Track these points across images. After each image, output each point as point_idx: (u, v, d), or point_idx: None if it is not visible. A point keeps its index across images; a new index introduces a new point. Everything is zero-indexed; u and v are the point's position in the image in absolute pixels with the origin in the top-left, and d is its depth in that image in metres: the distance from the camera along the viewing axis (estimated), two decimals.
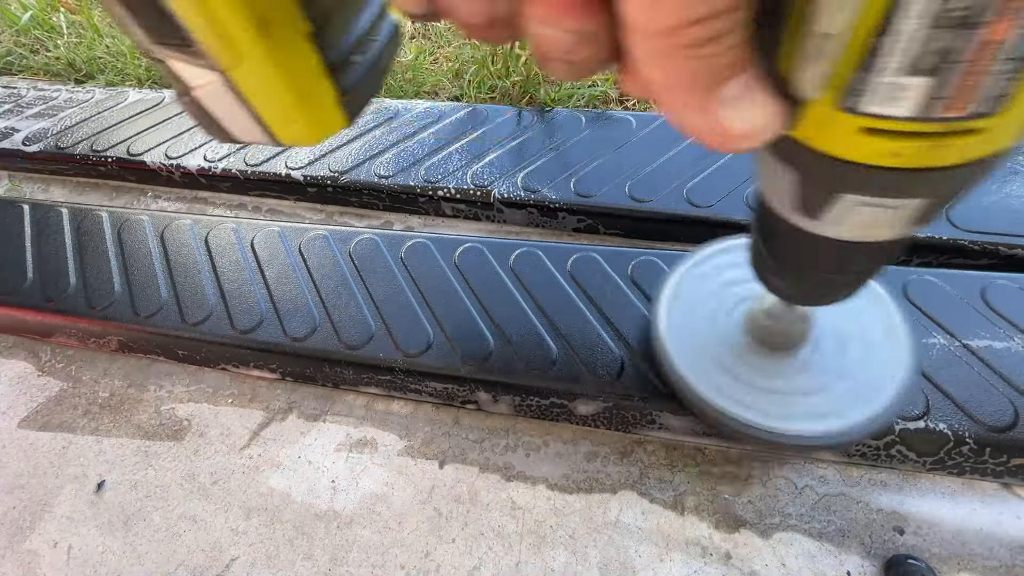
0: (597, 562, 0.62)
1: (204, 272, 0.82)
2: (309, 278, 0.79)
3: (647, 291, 0.72)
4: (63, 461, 0.76)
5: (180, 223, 0.89)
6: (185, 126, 1.10)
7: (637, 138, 0.94)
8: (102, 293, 0.82)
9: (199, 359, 0.81)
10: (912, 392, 0.59)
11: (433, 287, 0.76)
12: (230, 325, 0.76)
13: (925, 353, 0.63)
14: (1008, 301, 0.66)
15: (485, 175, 0.92)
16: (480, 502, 0.67)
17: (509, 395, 0.70)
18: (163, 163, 1.04)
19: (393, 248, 0.82)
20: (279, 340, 0.74)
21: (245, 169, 1.01)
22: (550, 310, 0.72)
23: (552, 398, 0.68)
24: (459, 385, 0.71)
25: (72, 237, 0.90)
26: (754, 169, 0.33)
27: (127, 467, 0.74)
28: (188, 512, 0.70)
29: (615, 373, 0.66)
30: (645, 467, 0.68)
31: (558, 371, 0.67)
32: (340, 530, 0.67)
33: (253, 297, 0.78)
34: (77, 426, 0.79)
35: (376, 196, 0.97)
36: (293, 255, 0.82)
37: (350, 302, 0.76)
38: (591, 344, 0.68)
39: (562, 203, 0.88)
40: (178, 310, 0.79)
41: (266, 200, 1.05)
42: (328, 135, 0.35)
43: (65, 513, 0.71)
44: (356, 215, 1.01)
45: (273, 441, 0.75)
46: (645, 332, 0.68)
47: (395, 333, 0.73)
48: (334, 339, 0.73)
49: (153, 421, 0.78)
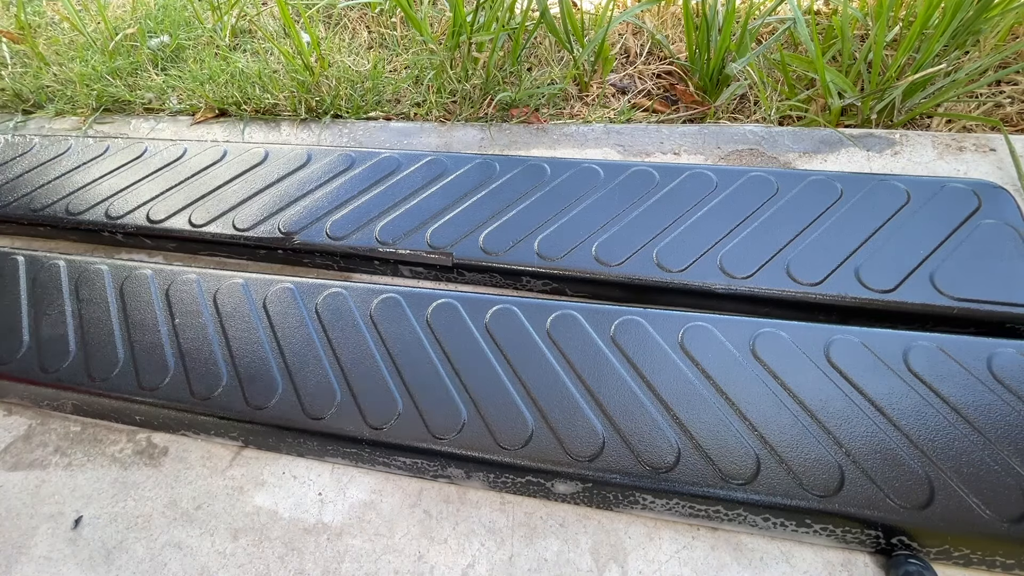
0: (589, 547, 0.63)
1: (163, 329, 0.78)
2: (273, 337, 0.75)
3: (630, 355, 0.69)
4: (36, 500, 0.73)
5: (140, 273, 0.85)
6: (127, 182, 1.03)
7: (605, 190, 0.88)
8: (56, 353, 0.77)
9: (156, 425, 0.77)
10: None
11: (403, 349, 0.72)
12: (189, 391, 0.72)
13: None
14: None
15: (444, 236, 0.86)
16: (469, 500, 0.68)
17: (482, 471, 0.66)
18: (105, 222, 0.97)
19: (362, 304, 0.77)
20: (239, 408, 0.70)
21: (191, 229, 0.93)
22: (527, 377, 0.68)
23: (528, 476, 0.65)
24: (429, 460, 0.67)
25: (27, 289, 0.85)
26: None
27: (104, 500, 0.72)
28: (172, 540, 0.68)
29: (596, 451, 0.63)
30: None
31: (535, 447, 0.63)
32: (331, 542, 0.66)
33: (214, 359, 0.74)
34: (49, 463, 0.77)
35: (330, 258, 0.91)
36: (257, 311, 0.78)
37: (315, 367, 0.72)
38: (571, 417, 0.65)
39: (525, 267, 0.82)
40: (135, 372, 0.75)
41: (215, 260, 0.98)
42: None
43: (42, 553, 0.69)
44: (311, 278, 0.89)
45: (255, 460, 0.73)
46: (628, 405, 0.64)
47: (362, 402, 0.69)
48: (297, 408, 0.69)
49: (128, 451, 0.76)
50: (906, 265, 0.74)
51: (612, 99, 1.18)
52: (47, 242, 1.07)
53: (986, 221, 0.77)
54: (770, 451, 0.61)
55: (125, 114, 1.32)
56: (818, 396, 0.63)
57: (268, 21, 1.47)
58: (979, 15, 0.98)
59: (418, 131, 1.14)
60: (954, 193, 0.80)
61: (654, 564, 0.61)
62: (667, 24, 1.29)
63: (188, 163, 1.05)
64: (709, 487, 0.60)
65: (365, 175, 0.96)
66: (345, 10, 1.45)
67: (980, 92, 1.04)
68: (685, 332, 0.70)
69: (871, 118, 1.01)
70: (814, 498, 0.58)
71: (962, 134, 0.96)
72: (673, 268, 0.78)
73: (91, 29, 1.52)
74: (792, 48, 1.19)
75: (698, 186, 0.87)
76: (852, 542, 0.59)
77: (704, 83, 1.12)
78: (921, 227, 0.77)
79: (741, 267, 0.77)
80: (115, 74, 1.37)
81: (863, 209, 0.80)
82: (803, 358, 0.66)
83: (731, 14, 1.02)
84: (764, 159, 0.98)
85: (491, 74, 1.14)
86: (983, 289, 0.71)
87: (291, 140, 1.18)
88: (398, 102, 1.23)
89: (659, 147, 1.03)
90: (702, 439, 0.62)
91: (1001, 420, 0.60)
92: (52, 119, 1.34)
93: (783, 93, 1.09)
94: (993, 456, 0.58)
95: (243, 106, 1.24)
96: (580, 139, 1.06)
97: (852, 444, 0.60)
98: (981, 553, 0.56)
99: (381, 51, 1.33)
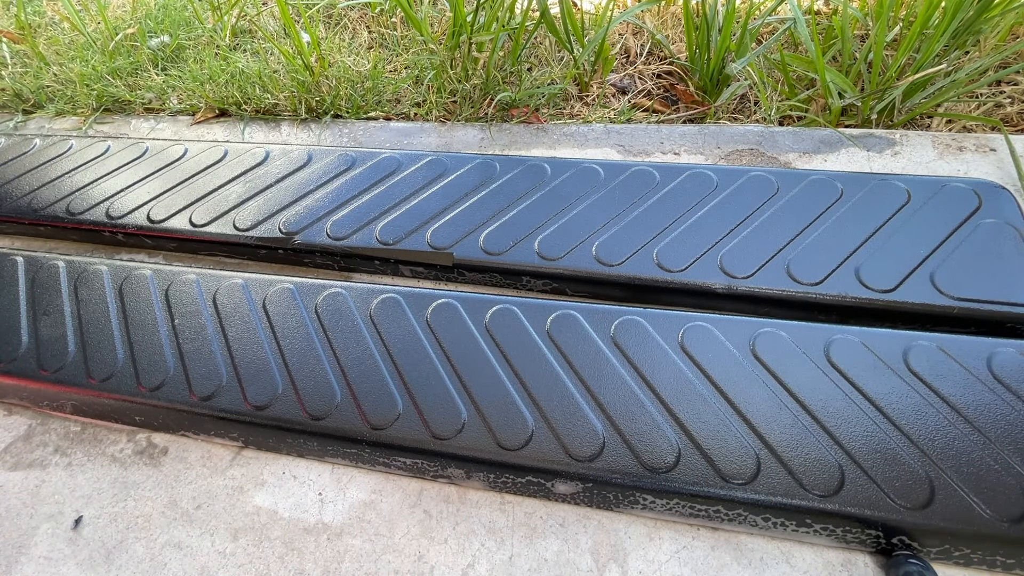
0: (589, 547, 0.63)
1: (163, 330, 0.77)
2: (273, 337, 0.75)
3: (630, 355, 0.69)
4: (36, 500, 0.73)
5: (140, 273, 0.85)
6: (128, 182, 1.03)
7: (605, 190, 0.88)
8: (55, 353, 0.77)
9: (156, 426, 0.77)
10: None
11: (403, 349, 0.72)
12: (188, 391, 0.72)
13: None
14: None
15: (444, 236, 0.86)
16: (469, 500, 0.68)
17: (483, 472, 0.66)
18: (105, 222, 0.97)
19: (362, 304, 0.77)
20: (239, 408, 0.70)
21: (191, 229, 0.93)
22: (527, 377, 0.68)
23: (528, 476, 0.65)
24: (429, 460, 0.67)
25: (26, 290, 0.85)
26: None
27: (104, 500, 0.72)
28: (172, 540, 0.68)
29: (596, 451, 0.63)
30: None
31: (535, 447, 0.63)
32: (331, 542, 0.66)
33: (213, 359, 0.74)
34: (49, 463, 0.76)
35: (330, 258, 0.90)
36: (257, 311, 0.77)
37: (315, 366, 0.72)
38: (571, 417, 0.65)
39: (525, 267, 0.81)
40: (134, 373, 0.74)
41: (215, 260, 0.98)
42: None
43: (42, 554, 0.69)
44: (311, 278, 0.88)
45: (255, 460, 0.73)
46: (628, 405, 0.64)
47: (362, 402, 0.68)
48: (297, 408, 0.69)
49: (128, 451, 0.76)
50: (906, 265, 0.74)
51: (612, 99, 1.18)
52: (47, 242, 1.07)
53: (987, 220, 0.77)
54: (770, 451, 0.61)
55: (125, 114, 1.32)
56: (818, 396, 0.63)
57: (268, 21, 1.47)
58: (979, 15, 0.97)
59: (418, 131, 1.14)
60: (954, 192, 0.80)
61: (654, 564, 0.61)
62: (667, 24, 1.29)
63: (188, 163, 1.05)
64: (709, 487, 0.60)
65: (365, 175, 0.96)
66: (345, 10, 1.45)
67: (980, 92, 1.04)
68: (685, 332, 0.70)
69: (871, 118, 1.01)
70: (814, 498, 0.58)
71: (962, 134, 0.96)
72: (673, 268, 0.78)
73: (91, 29, 1.52)
74: (792, 48, 1.19)
75: (698, 186, 0.87)
76: (852, 542, 0.59)
77: (704, 83, 1.12)
78: (921, 227, 0.77)
79: (741, 267, 0.77)
80: (115, 74, 1.37)
81: (863, 209, 0.80)
82: (803, 358, 0.66)
83: (731, 14, 1.02)
84: (764, 159, 0.98)
85: (491, 74, 1.14)
86: (983, 289, 0.71)
87: (291, 140, 1.18)
88: (398, 102, 1.23)
89: (659, 147, 1.03)
90: (702, 439, 0.62)
91: (1001, 420, 0.60)
92: (52, 119, 1.34)
93: (783, 93, 1.09)
94: (993, 456, 0.58)
95: (243, 106, 1.24)
96: (580, 139, 1.06)
97: (852, 444, 0.60)
98: (981, 553, 0.56)
99: (381, 51, 1.33)
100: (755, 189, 0.85)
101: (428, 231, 0.87)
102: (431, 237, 0.86)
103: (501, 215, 0.88)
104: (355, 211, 0.92)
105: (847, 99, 1.00)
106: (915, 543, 0.57)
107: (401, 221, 0.89)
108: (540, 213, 0.87)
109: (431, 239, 0.86)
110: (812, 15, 1.14)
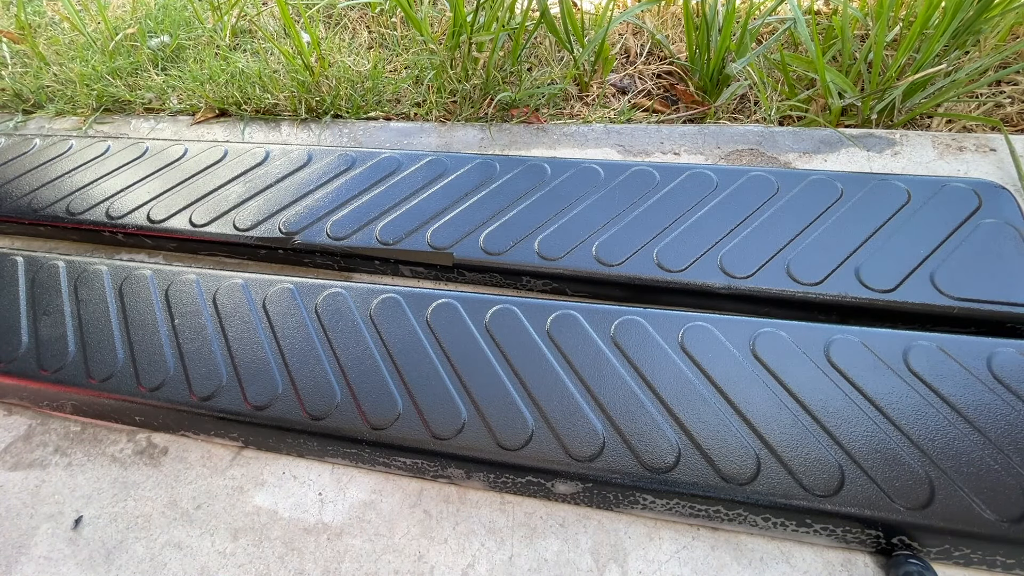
0: (589, 547, 0.63)
1: (163, 330, 0.77)
2: (273, 337, 0.75)
3: (630, 355, 0.68)
4: (36, 500, 0.73)
5: (140, 273, 0.85)
6: (128, 182, 1.03)
7: (605, 190, 0.88)
8: (55, 353, 0.77)
9: (156, 426, 0.77)
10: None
11: (403, 349, 0.72)
12: (188, 391, 0.72)
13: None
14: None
15: (444, 236, 0.86)
16: (469, 500, 0.68)
17: (482, 472, 0.66)
18: (105, 222, 0.97)
19: (362, 304, 0.77)
20: (239, 408, 0.70)
21: (191, 229, 0.93)
22: (527, 377, 0.68)
23: (528, 476, 0.65)
24: (429, 460, 0.67)
25: (26, 290, 0.85)
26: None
27: (105, 500, 0.72)
28: (172, 540, 0.68)
29: (596, 451, 0.63)
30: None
31: (535, 447, 0.63)
32: (331, 542, 0.66)
33: (213, 359, 0.74)
34: (49, 463, 0.76)
35: (330, 258, 0.90)
36: (257, 312, 0.77)
37: (315, 366, 0.72)
38: (571, 417, 0.65)
39: (525, 266, 0.82)
40: (134, 373, 0.74)
41: (215, 260, 0.98)
42: None
43: (42, 554, 0.69)
44: (311, 278, 0.88)
45: (255, 460, 0.73)
46: (628, 405, 0.64)
47: (362, 402, 0.68)
48: (297, 408, 0.69)
49: (128, 451, 0.76)
50: (906, 265, 0.74)
51: (612, 99, 1.18)
52: (47, 242, 1.07)
53: (987, 220, 0.77)
54: (770, 451, 0.61)
55: (125, 114, 1.32)
56: (818, 396, 0.63)
57: (268, 21, 1.47)
58: (979, 15, 0.97)
59: (418, 131, 1.14)
60: (955, 192, 0.80)
61: (654, 564, 0.61)
62: (667, 24, 1.29)
63: (188, 163, 1.05)
64: (709, 487, 0.60)
65: (365, 175, 0.96)
66: (345, 10, 1.45)
67: (980, 92, 1.04)
68: (685, 332, 0.70)
69: (871, 118, 1.01)
70: (814, 498, 0.58)
71: (962, 134, 0.96)
72: (673, 268, 0.78)
73: (91, 29, 1.52)
74: (792, 48, 1.19)
75: (698, 186, 0.87)
76: (852, 542, 0.59)
77: (704, 83, 1.12)
78: (921, 226, 0.77)
79: (741, 267, 0.77)
80: (115, 74, 1.37)
81: (863, 209, 0.80)
82: (803, 358, 0.66)
83: (731, 14, 1.02)
84: (764, 159, 0.98)
85: (491, 74, 1.14)
86: (983, 289, 0.71)
87: (291, 140, 1.18)
88: (398, 102, 1.23)
89: (659, 147, 1.03)
90: (702, 439, 0.62)
91: (1001, 420, 0.60)
92: (52, 119, 1.34)
93: (783, 93, 1.09)
94: (993, 456, 0.58)
95: (243, 106, 1.24)
96: (580, 139, 1.06)
97: (852, 444, 0.60)
98: (981, 553, 0.56)
99: (381, 51, 1.33)
100: (755, 189, 0.85)
101: (428, 231, 0.87)
102: (431, 237, 0.86)
103: (501, 215, 0.88)
104: (355, 211, 0.92)
105: (847, 99, 1.00)
106: (915, 543, 0.57)
107: (401, 221, 0.89)
108: (540, 213, 0.87)
109: (431, 239, 0.86)
110: (812, 15, 1.14)
